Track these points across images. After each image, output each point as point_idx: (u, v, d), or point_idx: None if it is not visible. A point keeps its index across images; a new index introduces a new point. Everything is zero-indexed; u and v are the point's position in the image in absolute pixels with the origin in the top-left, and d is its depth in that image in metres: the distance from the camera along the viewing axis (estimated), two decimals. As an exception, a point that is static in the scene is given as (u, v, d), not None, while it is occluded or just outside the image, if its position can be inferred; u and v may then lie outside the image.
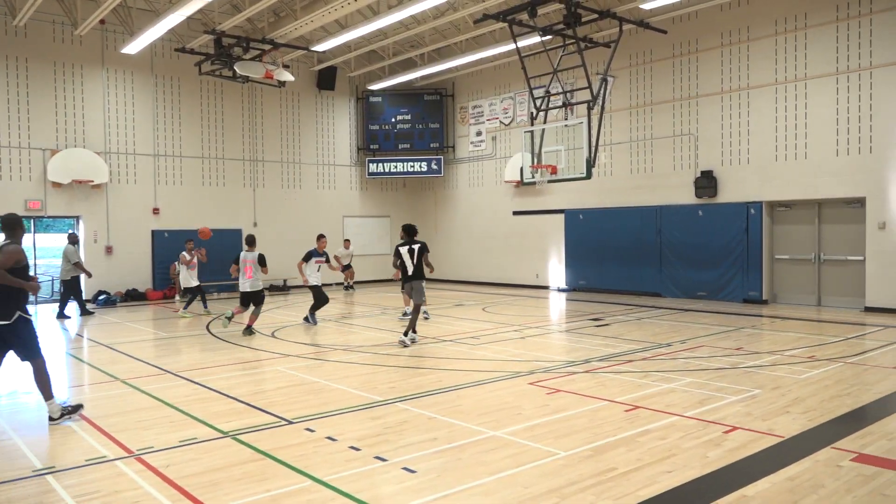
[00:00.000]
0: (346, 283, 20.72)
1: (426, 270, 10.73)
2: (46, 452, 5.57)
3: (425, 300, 11.12)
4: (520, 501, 4.42)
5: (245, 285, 11.95)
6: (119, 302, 17.74)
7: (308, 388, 7.75)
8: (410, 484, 4.74)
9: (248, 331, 11.78)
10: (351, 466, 5.10)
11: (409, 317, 10.85)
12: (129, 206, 18.51)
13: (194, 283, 15.10)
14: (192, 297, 15.17)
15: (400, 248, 10.64)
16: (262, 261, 11.87)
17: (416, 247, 10.56)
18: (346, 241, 20.67)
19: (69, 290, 15.13)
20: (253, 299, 11.99)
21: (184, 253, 15.17)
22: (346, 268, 20.28)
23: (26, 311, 6.28)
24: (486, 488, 4.63)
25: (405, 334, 10.45)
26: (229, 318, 12.02)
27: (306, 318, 13.16)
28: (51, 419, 6.38)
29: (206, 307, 15.39)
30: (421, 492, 4.59)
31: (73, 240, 15.47)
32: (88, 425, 6.34)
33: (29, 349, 6.29)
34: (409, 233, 10.69)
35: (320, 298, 13.14)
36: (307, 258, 13.17)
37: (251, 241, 12.17)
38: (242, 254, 12.08)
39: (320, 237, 13.65)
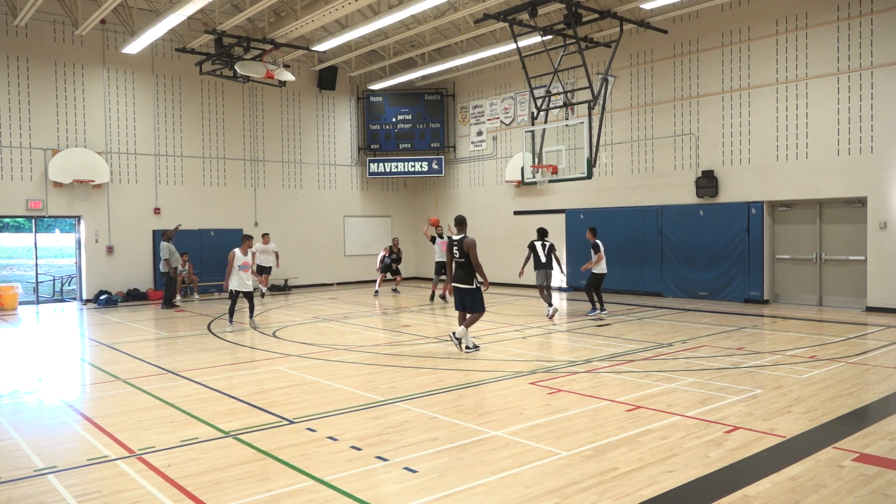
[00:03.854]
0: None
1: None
2: (48, 452, 5.56)
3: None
4: (521, 501, 4.42)
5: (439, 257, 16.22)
6: (120, 302, 17.75)
7: (309, 388, 7.75)
8: (412, 484, 4.74)
9: (444, 298, 16.53)
10: (352, 466, 5.10)
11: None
12: (130, 206, 18.52)
13: (247, 287, 12.33)
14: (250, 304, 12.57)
15: (535, 243, 13.31)
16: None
17: (548, 244, 13.31)
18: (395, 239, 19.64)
19: (170, 282, 16.60)
20: (439, 271, 16.22)
21: (238, 251, 12.19)
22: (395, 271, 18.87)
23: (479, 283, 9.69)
24: (488, 488, 4.63)
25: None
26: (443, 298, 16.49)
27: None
28: (466, 347, 9.68)
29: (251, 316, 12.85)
30: (422, 492, 4.59)
31: (168, 237, 16.64)
32: (90, 425, 6.34)
33: (475, 305, 9.69)
34: (542, 234, 13.53)
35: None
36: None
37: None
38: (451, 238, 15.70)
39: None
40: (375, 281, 19.22)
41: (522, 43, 15.62)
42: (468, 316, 9.76)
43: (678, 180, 16.80)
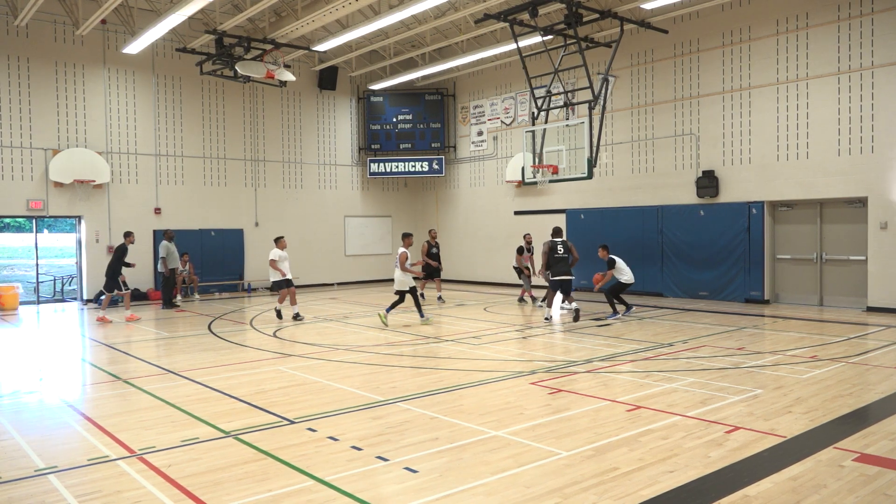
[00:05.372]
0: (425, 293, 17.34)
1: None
2: (48, 452, 5.57)
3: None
4: (521, 501, 4.42)
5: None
6: (121, 302, 17.72)
7: (309, 388, 7.75)
8: (412, 484, 4.74)
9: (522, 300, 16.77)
10: (352, 466, 5.10)
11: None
12: (131, 206, 18.52)
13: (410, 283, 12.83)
14: (416, 300, 12.96)
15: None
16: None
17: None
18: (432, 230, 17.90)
19: (167, 282, 16.59)
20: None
21: (405, 251, 12.71)
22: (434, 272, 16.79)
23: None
24: (488, 488, 4.63)
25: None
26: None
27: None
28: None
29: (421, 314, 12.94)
30: (422, 492, 4.59)
31: (169, 236, 16.65)
32: (90, 425, 6.34)
33: (568, 291, 12.35)
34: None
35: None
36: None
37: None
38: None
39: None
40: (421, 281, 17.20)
41: (523, 43, 15.61)
42: (564, 296, 12.36)
43: (678, 180, 16.80)
